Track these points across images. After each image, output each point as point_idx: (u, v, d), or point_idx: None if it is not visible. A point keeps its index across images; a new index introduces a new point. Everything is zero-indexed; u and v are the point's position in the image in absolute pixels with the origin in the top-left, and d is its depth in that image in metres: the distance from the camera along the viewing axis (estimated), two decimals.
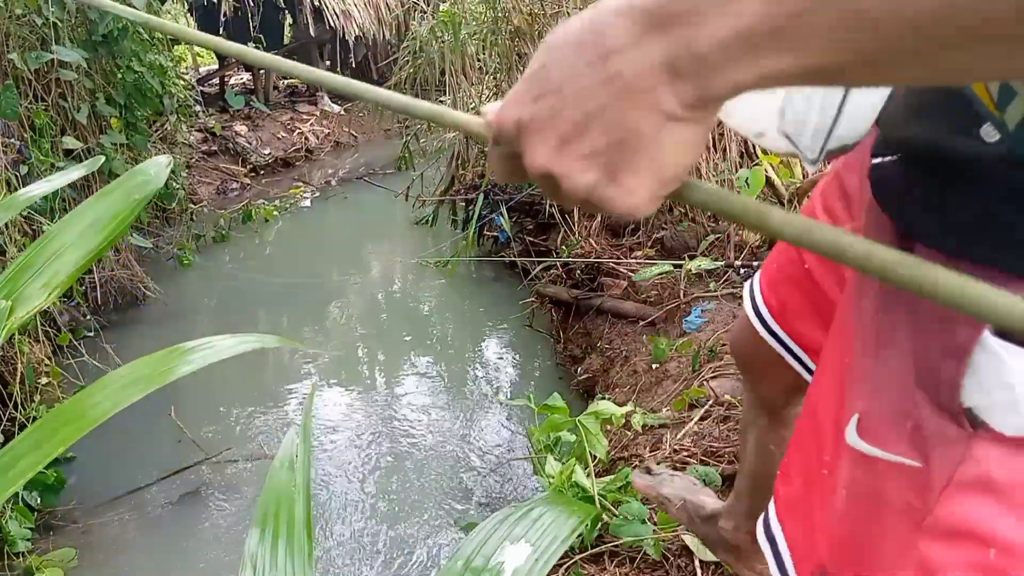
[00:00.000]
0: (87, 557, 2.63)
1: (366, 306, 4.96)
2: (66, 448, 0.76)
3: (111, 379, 0.86)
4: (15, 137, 3.72)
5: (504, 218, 4.74)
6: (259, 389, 3.71)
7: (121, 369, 0.88)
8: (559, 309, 3.98)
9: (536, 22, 4.32)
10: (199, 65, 10.52)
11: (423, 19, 5.50)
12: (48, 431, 0.78)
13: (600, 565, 1.83)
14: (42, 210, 3.59)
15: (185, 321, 4.61)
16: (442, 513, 2.82)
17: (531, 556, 0.84)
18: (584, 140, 0.40)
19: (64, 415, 0.82)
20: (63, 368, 3.37)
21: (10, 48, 3.76)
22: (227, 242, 5.85)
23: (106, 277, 4.38)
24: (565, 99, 0.40)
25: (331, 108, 9.59)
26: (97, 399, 0.83)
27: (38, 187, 1.19)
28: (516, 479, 2.99)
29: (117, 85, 4.43)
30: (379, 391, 3.76)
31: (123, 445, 3.11)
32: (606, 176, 0.40)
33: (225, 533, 2.77)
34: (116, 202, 1.03)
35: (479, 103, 5.17)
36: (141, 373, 0.87)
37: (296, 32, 9.67)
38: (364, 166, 8.33)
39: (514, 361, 4.01)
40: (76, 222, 1.02)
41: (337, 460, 3.17)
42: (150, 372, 0.87)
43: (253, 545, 0.83)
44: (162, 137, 5.24)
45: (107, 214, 1.00)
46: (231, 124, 8.30)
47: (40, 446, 0.76)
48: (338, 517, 2.84)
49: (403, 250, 5.76)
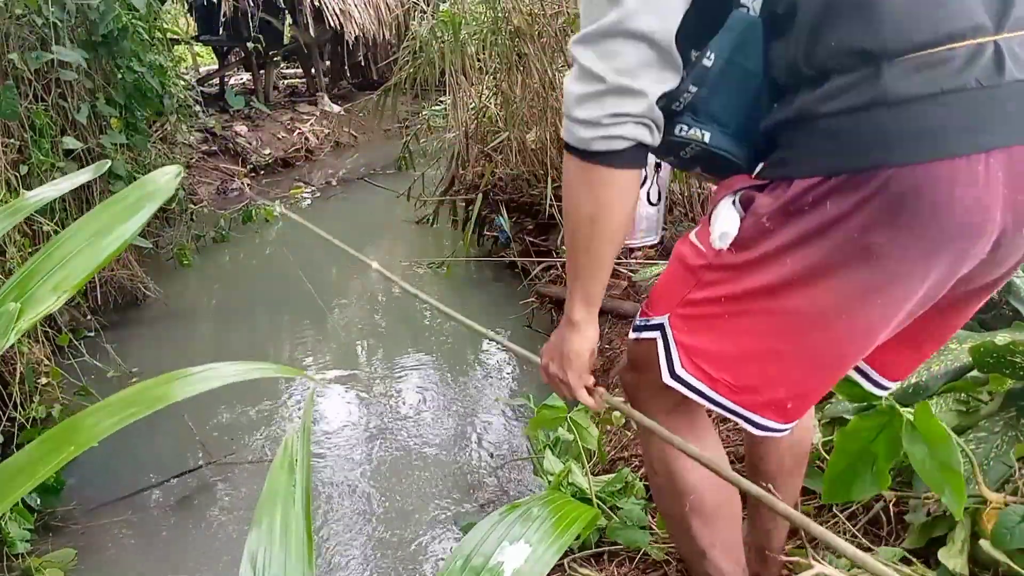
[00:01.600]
0: (87, 558, 2.63)
1: (366, 306, 4.96)
2: (59, 469, 0.77)
3: (111, 401, 0.87)
4: (15, 137, 3.72)
5: (504, 218, 4.74)
6: (259, 390, 3.71)
7: (122, 392, 0.89)
8: (559, 309, 3.98)
9: (536, 22, 4.32)
10: (199, 65, 10.52)
11: (423, 19, 5.49)
12: (44, 451, 0.78)
13: (600, 565, 1.83)
14: (42, 210, 3.59)
15: (185, 321, 4.61)
16: (442, 513, 2.82)
17: (530, 556, 0.84)
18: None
19: (60, 436, 0.82)
20: (63, 368, 3.37)
21: (10, 48, 3.76)
22: (227, 242, 5.85)
23: (106, 277, 4.38)
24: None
25: (331, 108, 9.59)
26: (95, 419, 0.83)
27: (45, 191, 1.19)
28: (517, 479, 2.99)
29: (117, 85, 4.42)
30: (379, 391, 3.76)
31: (124, 445, 3.11)
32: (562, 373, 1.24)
33: (226, 534, 2.77)
34: (125, 210, 1.03)
35: (479, 103, 5.17)
36: (142, 395, 0.88)
37: (296, 32, 9.66)
38: (364, 166, 8.33)
39: (514, 361, 4.01)
40: (85, 228, 1.02)
41: (337, 460, 3.17)
42: (150, 395, 0.87)
43: (253, 545, 0.83)
44: (162, 137, 5.24)
45: (116, 221, 1.01)
46: (231, 124, 8.30)
47: (34, 467, 0.76)
48: (338, 517, 2.84)
49: (403, 250, 5.76)
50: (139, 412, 0.83)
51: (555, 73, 4.35)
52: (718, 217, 1.04)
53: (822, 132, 0.93)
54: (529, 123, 4.65)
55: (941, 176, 0.88)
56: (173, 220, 5.48)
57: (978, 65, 0.86)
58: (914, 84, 0.87)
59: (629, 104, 0.95)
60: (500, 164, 4.95)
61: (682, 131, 1.03)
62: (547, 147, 4.43)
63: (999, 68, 0.86)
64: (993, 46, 0.87)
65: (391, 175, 7.21)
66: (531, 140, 4.64)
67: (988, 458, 1.38)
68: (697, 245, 1.11)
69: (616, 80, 0.94)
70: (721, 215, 1.04)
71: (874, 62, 0.88)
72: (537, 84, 4.40)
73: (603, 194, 1.02)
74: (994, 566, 1.31)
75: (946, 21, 0.87)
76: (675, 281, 1.15)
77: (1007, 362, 1.39)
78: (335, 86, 10.78)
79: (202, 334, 4.48)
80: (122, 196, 1.07)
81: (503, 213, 4.77)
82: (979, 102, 0.87)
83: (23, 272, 0.98)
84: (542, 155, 4.49)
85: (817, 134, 0.94)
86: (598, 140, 0.97)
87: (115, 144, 4.35)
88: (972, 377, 1.55)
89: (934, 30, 0.87)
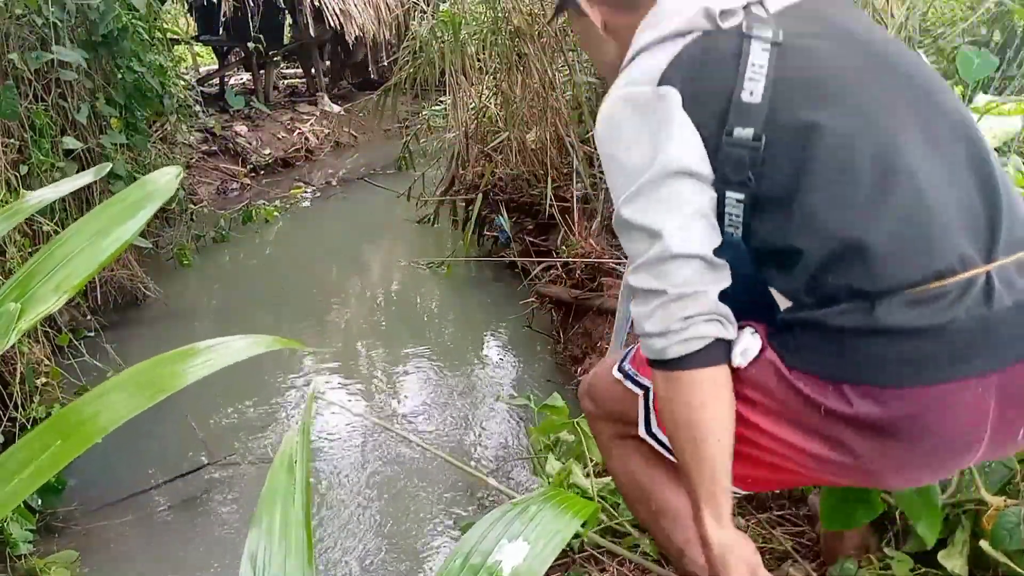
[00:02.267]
0: (88, 559, 2.63)
1: (366, 306, 4.97)
2: (62, 466, 0.74)
3: (116, 384, 0.85)
4: (15, 137, 3.72)
5: (504, 218, 4.74)
6: (260, 390, 3.71)
7: (126, 373, 0.86)
8: (559, 309, 3.98)
9: (536, 22, 4.32)
10: (199, 65, 10.52)
11: (423, 19, 5.49)
12: (43, 444, 0.76)
13: (600, 564, 1.83)
14: (42, 210, 3.59)
15: (185, 321, 4.62)
16: (441, 512, 2.82)
17: (529, 554, 0.84)
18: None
19: (62, 425, 0.80)
20: (63, 368, 3.37)
21: (10, 48, 3.76)
22: (227, 242, 5.84)
23: (106, 277, 4.38)
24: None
25: (331, 108, 9.59)
26: (99, 407, 0.82)
27: (46, 193, 1.19)
28: (517, 480, 2.99)
29: (117, 85, 4.42)
30: (379, 391, 3.76)
31: (125, 445, 3.11)
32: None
33: (228, 536, 2.77)
34: (125, 210, 1.03)
35: (479, 103, 5.18)
36: (151, 377, 0.85)
37: (296, 32, 9.66)
38: (364, 166, 8.33)
39: (514, 361, 4.01)
40: (86, 229, 1.02)
41: (337, 460, 3.17)
42: (160, 376, 0.85)
43: (253, 544, 0.83)
44: (162, 137, 5.23)
45: (116, 221, 1.01)
46: (231, 124, 8.30)
47: (34, 464, 0.74)
48: (338, 516, 2.84)
49: (403, 250, 5.76)
50: (155, 396, 0.81)
51: (555, 73, 4.35)
52: (741, 339, 1.06)
53: (825, 339, 1.00)
54: (529, 123, 4.65)
55: (932, 401, 0.95)
56: (173, 220, 5.48)
57: (969, 296, 0.93)
58: (906, 318, 0.94)
59: (693, 305, 1.01)
60: (500, 164, 4.95)
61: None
62: (547, 147, 4.43)
63: (988, 298, 0.93)
64: (984, 277, 0.94)
65: (391, 175, 7.21)
66: (531, 140, 4.64)
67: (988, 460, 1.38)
68: None
69: (677, 290, 1.00)
70: (745, 338, 1.07)
71: (868, 298, 0.95)
72: (537, 84, 4.40)
73: (694, 398, 1.03)
74: (994, 567, 1.32)
75: (934, 260, 0.94)
76: None
77: None
78: (335, 86, 10.78)
79: (202, 334, 4.43)
80: (122, 196, 1.07)
81: (503, 213, 4.77)
82: (969, 331, 0.93)
83: (23, 272, 0.98)
84: (542, 155, 4.49)
85: (821, 339, 1.01)
86: (673, 346, 1.01)
87: (115, 144, 4.35)
88: None
89: (923, 270, 0.94)
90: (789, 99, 1.00)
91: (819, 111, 0.99)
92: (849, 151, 0.98)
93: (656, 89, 1.03)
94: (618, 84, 1.10)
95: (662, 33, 1.07)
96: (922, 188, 0.96)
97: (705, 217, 1.02)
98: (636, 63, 1.09)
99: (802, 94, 1.01)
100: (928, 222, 0.96)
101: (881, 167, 0.97)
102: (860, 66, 1.04)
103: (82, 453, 0.75)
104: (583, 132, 4.28)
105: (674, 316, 1.01)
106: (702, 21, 1.04)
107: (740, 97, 1.00)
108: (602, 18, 1.20)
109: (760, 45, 1.01)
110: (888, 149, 0.98)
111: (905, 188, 0.96)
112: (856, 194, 0.97)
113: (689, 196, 1.02)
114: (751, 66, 1.00)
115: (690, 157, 1.01)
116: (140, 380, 0.85)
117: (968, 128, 1.03)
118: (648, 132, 1.03)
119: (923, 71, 1.08)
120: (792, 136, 0.99)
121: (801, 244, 0.99)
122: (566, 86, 4.39)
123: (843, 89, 1.02)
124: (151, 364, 0.86)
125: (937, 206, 0.96)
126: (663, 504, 1.28)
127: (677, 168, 1.01)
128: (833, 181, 0.98)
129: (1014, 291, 0.94)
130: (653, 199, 1.02)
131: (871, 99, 1.02)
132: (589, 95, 4.29)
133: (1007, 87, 3.34)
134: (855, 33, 1.08)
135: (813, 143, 0.98)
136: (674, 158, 1.01)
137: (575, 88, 4.32)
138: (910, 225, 0.96)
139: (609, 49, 1.21)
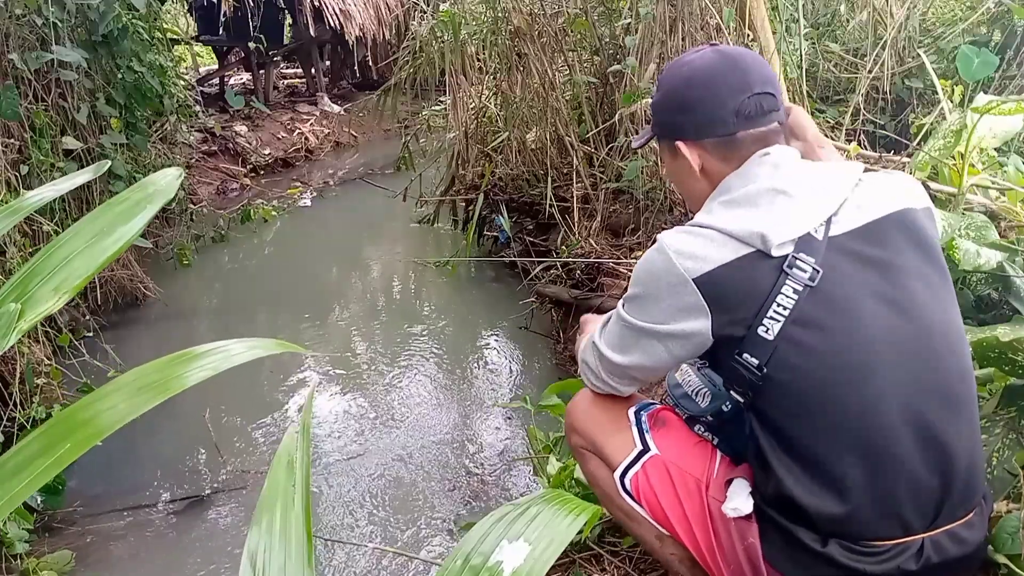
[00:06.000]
0: (85, 560, 2.63)
1: (366, 306, 4.96)
2: (62, 470, 0.74)
3: (116, 386, 0.85)
4: (15, 137, 3.72)
5: (504, 218, 4.74)
6: (260, 394, 3.71)
7: (127, 375, 0.86)
8: (559, 309, 3.98)
9: (536, 22, 4.32)
10: (199, 65, 10.51)
11: (423, 19, 5.49)
12: (44, 445, 0.76)
13: (600, 564, 1.83)
14: (42, 210, 3.58)
15: (184, 321, 4.62)
16: (441, 513, 2.82)
17: (529, 554, 0.84)
18: None
19: (63, 426, 0.80)
20: (63, 368, 3.36)
21: (10, 48, 3.76)
22: (227, 242, 5.85)
23: (106, 277, 4.38)
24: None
25: (331, 108, 9.59)
26: (100, 408, 0.82)
27: (45, 191, 1.19)
28: (517, 480, 2.99)
29: (117, 85, 4.42)
30: (379, 391, 3.76)
31: (125, 446, 3.11)
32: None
33: (228, 538, 2.77)
34: (126, 211, 1.03)
35: (479, 103, 5.17)
36: (150, 380, 0.85)
37: (296, 32, 9.66)
38: (364, 166, 8.33)
39: (514, 361, 4.01)
40: (86, 229, 1.02)
41: (337, 460, 3.17)
42: (160, 379, 0.85)
43: (253, 544, 0.82)
44: (162, 137, 5.23)
45: (116, 222, 1.00)
46: (231, 124, 8.29)
47: (34, 464, 0.73)
48: (338, 516, 2.84)
49: (403, 250, 5.76)
50: (154, 399, 0.81)
51: (555, 73, 4.35)
52: (737, 495, 1.22)
53: (790, 545, 1.17)
54: (529, 123, 4.65)
55: None
56: (173, 220, 5.48)
57: (903, 556, 1.11)
58: (848, 559, 1.12)
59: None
60: (500, 164, 4.95)
61: (699, 430, 1.38)
62: (547, 147, 4.43)
63: (919, 557, 1.11)
64: (920, 543, 1.11)
65: (391, 175, 7.21)
66: (531, 140, 4.64)
67: (989, 461, 1.37)
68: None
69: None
70: (741, 495, 1.22)
71: (823, 532, 1.13)
72: (537, 84, 4.40)
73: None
74: (995, 570, 1.32)
75: (882, 528, 1.12)
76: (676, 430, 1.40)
77: (1008, 359, 1.39)
78: (335, 86, 10.78)
79: (202, 334, 4.48)
80: (123, 197, 1.06)
81: (503, 213, 4.76)
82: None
83: (24, 272, 0.98)
84: (542, 155, 4.49)
85: (786, 543, 1.17)
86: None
87: (115, 144, 4.35)
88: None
89: (872, 531, 1.12)
90: (798, 343, 1.11)
91: (823, 369, 1.11)
92: (842, 416, 1.11)
93: (691, 285, 1.14)
94: (691, 230, 1.19)
95: (733, 218, 1.16)
96: (887, 469, 1.10)
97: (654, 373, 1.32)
98: (703, 234, 1.17)
99: (812, 340, 1.11)
100: (885, 497, 1.11)
101: (863, 441, 1.10)
102: (879, 336, 1.12)
103: (81, 455, 0.75)
104: (583, 132, 4.28)
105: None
106: (757, 242, 1.13)
107: (757, 331, 1.11)
108: (700, 162, 1.27)
109: (793, 287, 1.11)
110: (872, 432, 1.10)
111: (874, 464, 1.10)
112: (833, 452, 1.12)
113: (659, 358, 1.22)
114: (775, 306, 1.11)
115: (679, 353, 1.21)
116: (141, 383, 0.85)
117: (961, 402, 1.14)
118: (666, 305, 1.18)
119: (945, 328, 1.15)
120: (790, 376, 1.11)
121: (780, 470, 1.14)
122: (566, 86, 4.39)
123: (850, 349, 1.11)
124: (152, 367, 0.86)
125: (897, 485, 1.11)
126: (629, 511, 1.39)
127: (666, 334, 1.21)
128: (819, 430, 1.12)
129: (940, 552, 1.12)
130: (634, 338, 1.24)
131: (873, 373, 1.11)
132: (589, 95, 4.29)
133: (1007, 87, 3.34)
134: (905, 287, 1.13)
135: (806, 393, 1.12)
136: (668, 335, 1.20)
137: (575, 88, 4.32)
138: (870, 494, 1.11)
139: (702, 188, 1.29)
